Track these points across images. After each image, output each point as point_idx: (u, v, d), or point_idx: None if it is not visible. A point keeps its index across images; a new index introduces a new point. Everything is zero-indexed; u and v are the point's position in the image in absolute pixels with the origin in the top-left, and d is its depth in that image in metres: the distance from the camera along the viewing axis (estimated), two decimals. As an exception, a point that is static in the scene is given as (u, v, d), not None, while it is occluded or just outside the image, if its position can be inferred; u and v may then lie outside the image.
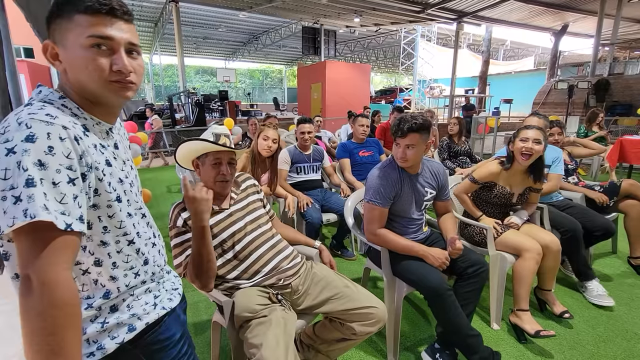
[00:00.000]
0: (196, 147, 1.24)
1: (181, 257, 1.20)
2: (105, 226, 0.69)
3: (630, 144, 4.57)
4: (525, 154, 1.77)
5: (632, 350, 1.62)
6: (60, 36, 0.63)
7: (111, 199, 0.69)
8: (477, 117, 8.14)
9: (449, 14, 11.05)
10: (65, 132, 0.60)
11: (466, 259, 1.54)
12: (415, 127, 1.47)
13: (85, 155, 0.63)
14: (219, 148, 1.23)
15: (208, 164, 1.25)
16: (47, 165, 0.57)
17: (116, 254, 0.71)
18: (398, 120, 1.53)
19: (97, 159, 0.66)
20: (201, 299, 2.07)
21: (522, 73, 18.73)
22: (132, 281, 0.75)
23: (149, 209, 0.88)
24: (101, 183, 0.67)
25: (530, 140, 1.76)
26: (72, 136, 0.61)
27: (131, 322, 0.73)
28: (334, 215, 2.56)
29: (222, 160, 1.24)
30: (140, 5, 12.17)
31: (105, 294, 0.71)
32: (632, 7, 9.92)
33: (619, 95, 9.05)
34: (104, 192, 0.67)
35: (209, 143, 1.22)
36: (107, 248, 0.70)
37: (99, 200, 0.67)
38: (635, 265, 2.34)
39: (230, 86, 21.08)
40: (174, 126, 9.14)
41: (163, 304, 0.80)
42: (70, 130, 0.61)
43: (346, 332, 1.27)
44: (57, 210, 0.57)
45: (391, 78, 30.71)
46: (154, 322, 0.77)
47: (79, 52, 0.63)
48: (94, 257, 0.69)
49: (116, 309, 0.72)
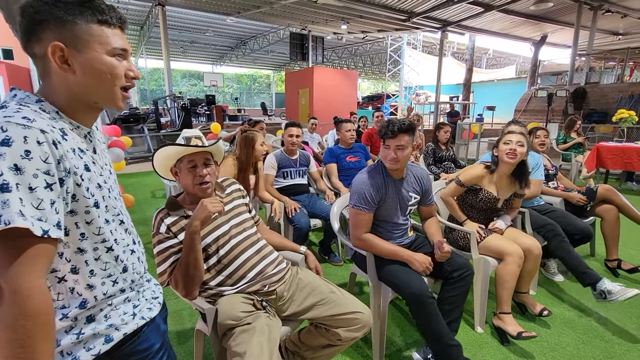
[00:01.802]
0: (167, 153, 1.22)
1: (165, 265, 1.17)
2: (83, 233, 0.67)
3: (606, 150, 4.75)
4: (510, 154, 1.82)
5: (610, 351, 1.66)
6: (76, 42, 0.63)
7: (89, 205, 0.67)
8: (462, 123, 8.33)
9: (433, 22, 11.31)
10: (43, 136, 0.58)
11: (452, 262, 1.56)
12: (405, 127, 1.51)
13: (64, 159, 0.61)
14: (190, 150, 1.21)
15: (184, 169, 1.23)
16: (23, 169, 0.55)
17: (94, 262, 0.69)
18: (387, 122, 1.56)
19: (75, 164, 0.64)
20: (184, 307, 2.03)
21: (504, 81, 19.29)
22: (110, 289, 0.72)
23: (132, 214, 0.86)
24: (79, 188, 0.65)
25: (514, 142, 1.82)
26: (50, 140, 0.59)
27: (108, 333, 0.71)
28: (320, 221, 2.56)
29: (196, 162, 1.22)
30: (126, 8, 11.99)
31: (82, 304, 0.68)
32: (606, 19, 10.38)
33: (595, 104, 9.41)
34: (82, 198, 0.66)
35: (179, 146, 1.20)
36: (85, 255, 0.68)
37: (77, 206, 0.65)
38: (611, 268, 2.42)
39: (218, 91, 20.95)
40: (159, 130, 9.00)
41: (142, 314, 0.78)
42: (49, 134, 0.59)
43: (332, 338, 1.26)
44: (34, 216, 0.55)
45: (378, 84, 31.11)
46: (132, 333, 0.75)
47: (103, 59, 0.66)
48: (71, 264, 0.67)
49: (93, 319, 0.70)
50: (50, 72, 0.65)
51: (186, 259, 1.13)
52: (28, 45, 0.64)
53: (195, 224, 1.12)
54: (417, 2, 9.59)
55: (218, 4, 10.14)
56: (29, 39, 0.63)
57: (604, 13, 9.76)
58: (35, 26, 0.61)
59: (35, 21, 0.61)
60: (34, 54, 0.64)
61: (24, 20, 0.62)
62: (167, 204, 1.23)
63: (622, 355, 1.63)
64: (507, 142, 1.84)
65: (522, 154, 1.83)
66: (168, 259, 1.17)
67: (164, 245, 1.17)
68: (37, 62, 0.66)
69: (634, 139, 5.78)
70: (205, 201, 1.14)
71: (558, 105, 9.41)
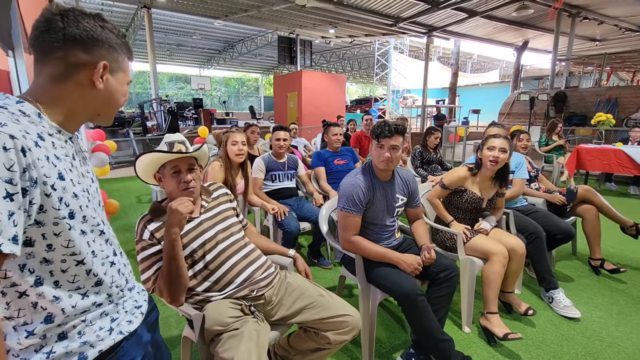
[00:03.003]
0: (150, 159, 1.19)
1: (149, 272, 1.15)
2: (50, 244, 0.64)
3: (585, 152, 4.91)
4: (492, 162, 1.87)
5: (592, 347, 1.71)
6: (115, 67, 0.73)
7: (59, 217, 0.63)
8: (448, 126, 8.47)
9: (419, 28, 11.52)
10: (12, 142, 0.55)
11: (438, 264, 1.58)
12: (400, 129, 1.54)
13: (31, 168, 0.58)
14: (174, 156, 1.19)
15: (168, 174, 1.21)
16: None
17: (60, 273, 0.66)
18: (382, 122, 1.58)
19: (47, 172, 0.61)
20: (172, 314, 1.99)
21: (488, 85, 19.74)
22: (79, 302, 0.69)
23: (116, 220, 0.85)
24: (48, 199, 0.61)
25: (497, 149, 1.86)
26: (18, 147, 0.56)
27: (82, 351, 0.68)
28: (309, 224, 2.56)
29: (180, 167, 1.20)
30: (110, 10, 11.80)
31: (47, 318, 0.65)
32: (584, 26, 10.77)
33: (575, 107, 9.73)
34: (51, 209, 0.62)
35: (161, 153, 1.18)
36: (50, 266, 0.65)
37: (44, 218, 0.62)
38: (594, 266, 2.49)
39: (205, 94, 20.75)
40: (145, 134, 8.86)
41: (121, 328, 0.75)
42: (18, 140, 0.56)
43: (321, 341, 1.26)
44: None
45: (366, 88, 31.37)
46: (108, 349, 0.72)
47: (123, 85, 0.77)
48: (35, 276, 0.63)
49: (65, 336, 0.67)
50: (69, 79, 0.67)
51: (168, 268, 1.10)
52: (70, 51, 0.66)
53: (174, 231, 1.09)
54: (403, 8, 9.75)
55: (205, 7, 10.08)
56: (76, 47, 0.67)
57: (582, 20, 10.12)
58: (92, 42, 0.68)
59: (94, 38, 0.68)
60: (66, 59, 0.66)
61: (80, 32, 0.67)
62: (150, 210, 1.21)
63: (603, 352, 1.68)
64: (491, 147, 1.89)
65: (504, 160, 1.88)
66: (152, 266, 1.15)
67: (148, 252, 1.15)
68: (54, 63, 0.66)
69: (611, 141, 5.99)
70: (173, 204, 1.09)
71: (540, 109, 9.69)
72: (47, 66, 0.66)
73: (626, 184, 5.19)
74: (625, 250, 2.85)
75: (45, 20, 0.65)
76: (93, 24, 0.69)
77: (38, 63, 0.67)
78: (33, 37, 0.66)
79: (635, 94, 9.00)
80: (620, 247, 2.90)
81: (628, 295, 2.20)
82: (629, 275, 2.45)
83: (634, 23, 10.80)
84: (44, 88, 0.67)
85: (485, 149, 1.91)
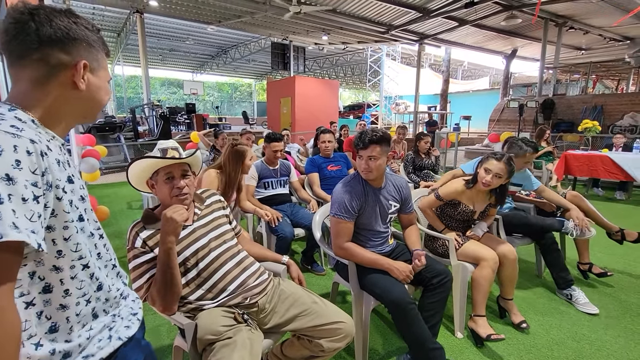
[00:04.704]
0: (143, 166, 1.18)
1: (141, 280, 1.13)
2: (60, 250, 0.64)
3: (573, 158, 5.02)
4: (485, 184, 1.89)
5: (582, 351, 1.73)
6: (95, 66, 0.71)
7: (69, 220, 0.64)
8: (440, 132, 8.59)
9: (411, 35, 11.69)
10: (33, 146, 0.57)
11: (431, 270, 1.59)
12: (376, 138, 1.54)
13: (47, 172, 0.59)
14: (167, 162, 1.18)
15: (161, 181, 1.19)
16: (15, 180, 0.53)
17: (70, 280, 0.66)
18: (360, 133, 1.59)
19: (59, 176, 0.62)
20: (162, 322, 1.96)
21: (478, 92, 20.08)
22: (82, 309, 0.69)
23: (107, 227, 0.85)
24: (60, 202, 0.62)
25: (491, 174, 1.86)
26: (38, 151, 0.57)
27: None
28: (303, 230, 2.55)
29: (173, 173, 1.19)
30: (102, 15, 11.74)
31: (52, 328, 0.64)
32: (570, 35, 11.06)
33: (562, 114, 9.95)
34: (62, 213, 0.63)
35: (154, 159, 1.17)
36: (61, 274, 0.64)
37: (55, 222, 0.62)
38: (583, 270, 2.53)
39: (198, 99, 20.65)
40: (137, 139, 8.77)
41: (119, 334, 0.75)
42: (37, 144, 0.58)
43: (314, 349, 1.25)
44: (28, 229, 0.53)
45: (359, 94, 31.63)
46: (107, 356, 0.72)
47: (105, 83, 0.75)
48: (45, 283, 0.63)
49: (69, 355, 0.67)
50: (51, 81, 0.65)
51: (162, 276, 1.08)
52: (48, 52, 0.63)
53: (170, 240, 1.07)
54: (395, 16, 9.90)
55: (198, 13, 10.10)
56: (53, 47, 0.64)
57: (568, 30, 10.40)
58: (69, 41, 0.65)
59: (70, 37, 0.65)
60: (45, 60, 0.63)
61: (55, 32, 0.63)
62: (143, 217, 1.20)
63: (592, 355, 1.71)
64: (487, 170, 1.88)
65: (497, 185, 1.89)
66: (144, 275, 1.14)
67: (140, 260, 1.14)
68: (33, 66, 0.63)
69: (598, 147, 6.13)
70: (168, 212, 1.06)
71: (529, 115, 9.88)
72: (26, 70, 0.63)
73: (613, 189, 5.31)
74: (612, 255, 2.91)
75: (14, 21, 0.62)
76: (67, 21, 0.65)
77: (14, 67, 0.64)
78: (5, 41, 0.62)
79: (619, 102, 9.26)
80: (608, 251, 2.95)
81: (615, 298, 2.24)
82: (616, 279, 2.50)
83: (617, 33, 11.14)
84: (27, 93, 0.64)
85: (482, 169, 1.91)
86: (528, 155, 2.32)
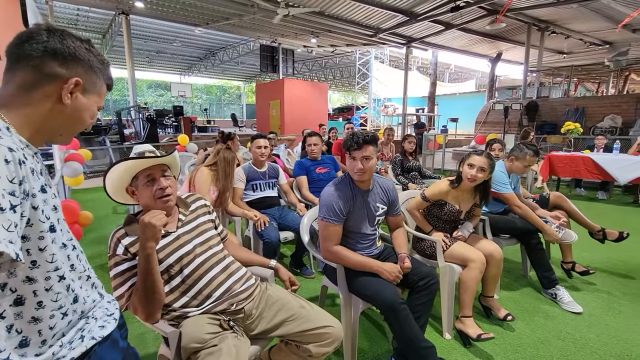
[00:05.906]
0: (120, 171, 1.14)
1: (122, 288, 1.10)
2: (35, 261, 0.62)
3: (557, 159, 5.14)
4: (470, 179, 1.92)
5: (566, 350, 1.77)
6: (89, 87, 0.71)
7: (44, 230, 0.62)
8: (427, 134, 8.69)
9: (398, 38, 11.83)
10: (11, 155, 0.55)
11: (418, 272, 1.60)
12: (369, 139, 1.55)
13: (25, 181, 0.57)
14: (146, 162, 1.14)
15: (141, 185, 1.16)
16: None
17: (44, 292, 0.63)
18: (351, 135, 1.59)
19: (33, 185, 0.60)
20: (147, 330, 1.91)
21: (465, 94, 20.44)
22: (58, 323, 0.66)
23: (91, 232, 0.83)
24: (35, 212, 0.60)
25: (475, 168, 1.91)
26: (16, 159, 0.56)
27: None
28: (292, 233, 2.54)
29: (154, 175, 1.16)
30: (87, 16, 11.50)
31: (22, 343, 0.62)
32: (552, 39, 11.37)
33: (546, 116, 10.20)
34: (37, 222, 0.61)
35: (132, 160, 1.13)
36: (34, 285, 0.62)
37: (31, 232, 0.61)
38: (566, 269, 2.59)
39: (186, 101, 20.44)
40: (123, 142, 8.61)
41: (93, 334, 0.72)
42: (16, 152, 0.56)
43: (302, 354, 1.24)
44: (6, 239, 0.51)
45: (348, 96, 31.78)
46: (80, 356, 0.69)
47: (93, 109, 0.74)
48: (16, 295, 0.61)
49: None
50: (37, 89, 0.64)
51: (143, 284, 1.05)
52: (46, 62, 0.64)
53: (150, 245, 1.04)
54: (383, 19, 9.99)
55: (186, 15, 9.99)
56: (53, 59, 0.65)
57: (550, 34, 10.69)
58: (71, 58, 0.67)
59: (74, 56, 0.67)
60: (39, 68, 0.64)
61: (62, 48, 0.65)
62: (125, 223, 1.17)
63: (576, 353, 1.74)
64: (471, 165, 1.93)
65: (482, 179, 1.92)
66: (126, 282, 1.11)
67: (122, 268, 1.11)
68: (25, 71, 0.64)
69: (580, 148, 6.30)
70: (146, 217, 1.02)
71: (514, 118, 10.10)
72: (18, 74, 0.64)
73: (594, 189, 5.46)
74: (594, 254, 2.98)
75: (30, 31, 0.64)
76: (79, 44, 0.69)
77: (9, 71, 0.65)
78: (13, 44, 0.64)
79: (600, 104, 9.55)
80: (590, 250, 3.03)
81: (598, 297, 2.30)
82: (598, 277, 2.56)
83: (597, 38, 11.50)
84: (10, 96, 0.64)
85: (466, 165, 1.95)
86: (528, 158, 2.34)
